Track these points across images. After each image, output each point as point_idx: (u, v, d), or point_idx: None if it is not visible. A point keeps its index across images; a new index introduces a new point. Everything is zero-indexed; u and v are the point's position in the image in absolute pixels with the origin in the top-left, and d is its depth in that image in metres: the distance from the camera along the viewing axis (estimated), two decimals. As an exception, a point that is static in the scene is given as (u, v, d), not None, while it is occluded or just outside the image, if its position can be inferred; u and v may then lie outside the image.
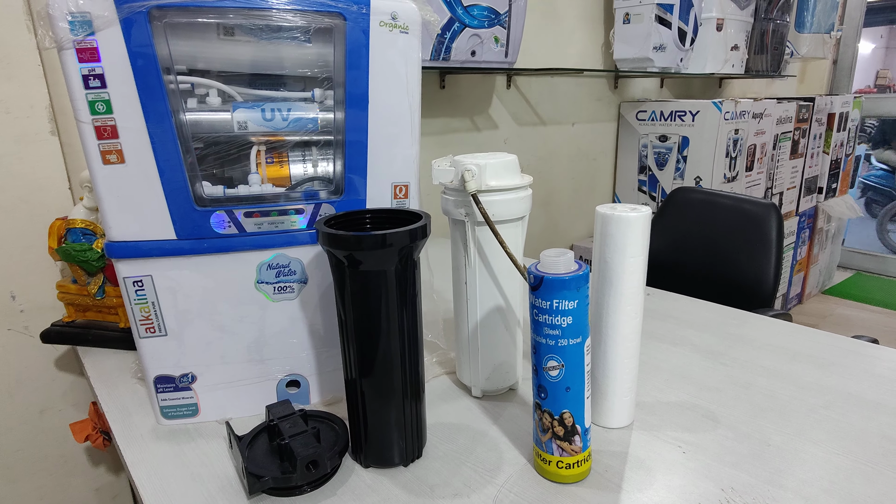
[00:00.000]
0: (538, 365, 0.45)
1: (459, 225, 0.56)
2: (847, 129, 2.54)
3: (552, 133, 1.75)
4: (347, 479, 0.49)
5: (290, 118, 0.55)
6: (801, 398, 0.59)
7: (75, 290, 0.76)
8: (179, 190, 0.50)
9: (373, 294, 0.45)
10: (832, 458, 0.49)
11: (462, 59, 1.20)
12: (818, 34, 2.53)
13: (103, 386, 0.66)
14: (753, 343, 0.72)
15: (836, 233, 2.80)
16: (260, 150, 0.56)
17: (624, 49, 1.70)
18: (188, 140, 0.51)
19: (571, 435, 0.46)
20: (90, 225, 0.74)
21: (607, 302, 0.51)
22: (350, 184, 0.55)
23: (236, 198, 0.53)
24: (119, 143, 0.48)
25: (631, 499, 0.45)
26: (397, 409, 0.49)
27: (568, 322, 0.43)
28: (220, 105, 0.55)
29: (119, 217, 0.50)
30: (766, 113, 1.94)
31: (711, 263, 1.36)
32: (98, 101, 0.47)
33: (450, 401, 0.61)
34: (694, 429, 0.54)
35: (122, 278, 0.52)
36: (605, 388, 0.53)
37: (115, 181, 0.49)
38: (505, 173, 0.54)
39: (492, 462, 0.50)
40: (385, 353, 0.47)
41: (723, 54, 1.95)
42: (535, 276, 0.43)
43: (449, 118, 1.45)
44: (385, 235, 0.42)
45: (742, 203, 1.35)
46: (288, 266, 0.55)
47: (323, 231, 0.44)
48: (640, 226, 0.49)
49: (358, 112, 0.54)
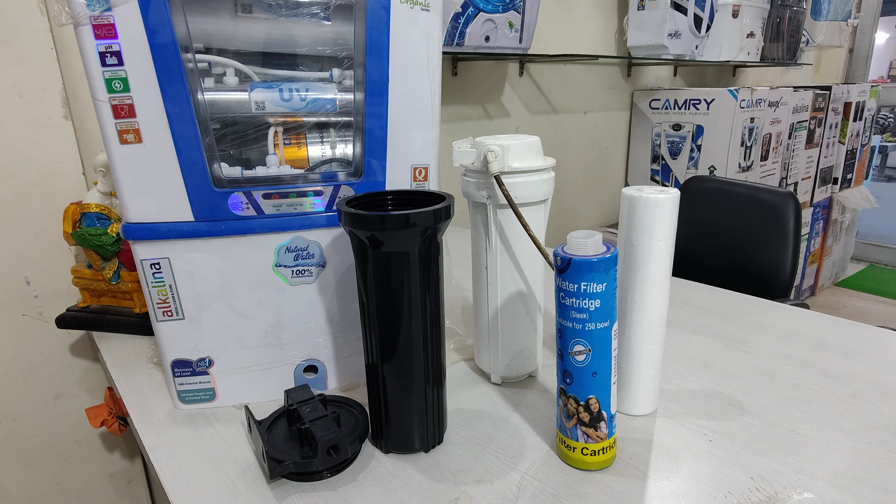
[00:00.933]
0: (564, 350, 0.44)
1: (481, 208, 0.55)
2: (863, 118, 2.50)
3: (564, 121, 1.73)
4: (368, 464, 0.48)
5: (309, 98, 0.54)
6: (828, 387, 0.57)
7: (90, 275, 0.76)
8: (197, 170, 0.50)
9: (395, 276, 0.44)
10: (864, 446, 0.48)
11: (476, 44, 1.18)
12: (835, 22, 2.49)
13: (119, 371, 0.66)
14: (776, 331, 0.70)
15: (850, 224, 2.76)
16: (277, 131, 0.55)
17: (638, 36, 1.68)
18: (206, 120, 0.50)
19: (597, 421, 0.45)
20: (105, 209, 0.74)
21: (633, 286, 0.50)
22: (369, 166, 0.54)
23: (254, 179, 0.53)
24: (136, 122, 0.47)
25: (657, 486, 0.44)
26: (419, 395, 0.48)
27: (596, 305, 0.42)
28: (237, 85, 0.54)
29: (136, 198, 0.49)
30: (782, 101, 1.91)
31: (727, 253, 1.35)
32: (115, 79, 0.46)
33: (469, 387, 0.60)
34: (719, 417, 0.53)
35: (140, 260, 0.51)
36: (630, 374, 0.52)
37: (133, 161, 0.48)
38: (528, 155, 0.53)
39: (514, 448, 0.49)
40: (407, 337, 0.46)
41: (738, 41, 1.91)
42: (562, 258, 0.42)
43: (461, 105, 1.43)
44: (409, 215, 0.41)
45: (759, 192, 1.33)
46: (306, 249, 0.54)
47: (345, 211, 0.43)
48: (669, 207, 0.47)
49: (377, 92, 0.53)
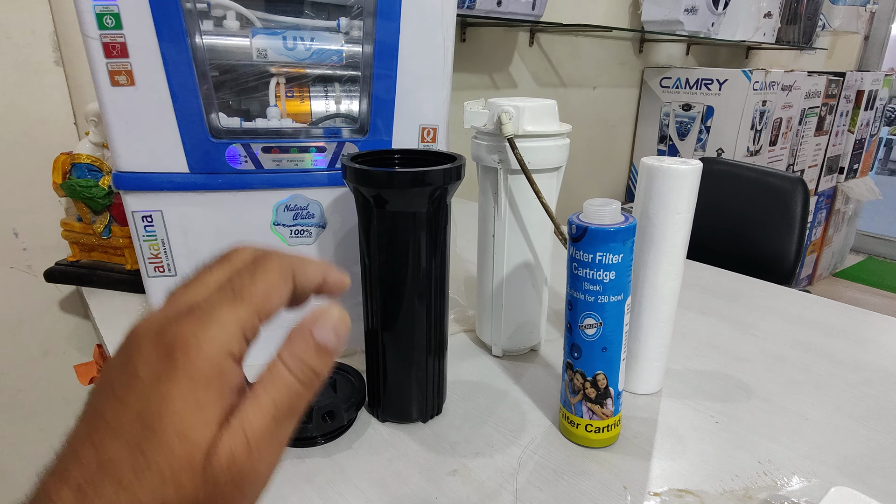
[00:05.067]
0: (573, 322, 0.42)
1: (491, 173, 0.52)
2: (874, 108, 2.46)
3: (572, 96, 1.69)
4: (364, 432, 0.47)
5: (314, 49, 0.51)
6: (837, 373, 0.56)
7: (80, 229, 0.73)
8: (193, 119, 0.47)
9: (401, 238, 0.42)
10: (874, 435, 0.47)
11: (487, 8, 1.14)
12: (853, 6, 2.43)
13: (109, 328, 0.64)
14: (785, 316, 0.69)
15: (853, 215, 2.74)
16: (280, 82, 0.52)
17: (653, 10, 1.63)
18: (204, 65, 0.47)
19: (604, 398, 0.43)
20: (96, 161, 0.71)
21: (647, 261, 0.48)
22: (375, 123, 0.51)
23: (253, 131, 0.50)
24: (129, 62, 0.44)
25: (662, 466, 0.43)
26: (419, 364, 0.46)
27: (610, 277, 0.40)
28: (238, 30, 0.50)
29: (128, 145, 0.47)
30: (795, 85, 1.87)
31: (731, 237, 1.33)
32: (107, 13, 0.43)
33: (469, 359, 0.58)
34: (726, 399, 0.51)
35: (131, 212, 0.49)
36: (637, 351, 0.51)
37: (125, 105, 0.45)
38: (544, 118, 0.50)
39: (514, 422, 0.48)
40: (410, 303, 0.44)
41: (755, 21, 1.86)
42: (577, 226, 0.40)
43: (468, 74, 1.39)
44: (418, 173, 0.39)
45: (767, 176, 1.31)
46: (306, 208, 0.52)
47: (350, 167, 0.40)
48: (691, 179, 0.45)
49: (387, 45, 0.50)
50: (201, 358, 0.18)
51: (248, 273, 0.20)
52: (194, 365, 0.18)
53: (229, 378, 0.18)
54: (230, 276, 0.20)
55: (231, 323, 0.19)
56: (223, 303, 0.19)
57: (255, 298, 0.20)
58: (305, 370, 0.20)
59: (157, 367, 0.18)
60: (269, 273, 0.21)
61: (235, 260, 0.22)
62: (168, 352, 0.18)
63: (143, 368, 0.18)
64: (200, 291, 0.20)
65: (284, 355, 0.20)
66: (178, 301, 0.20)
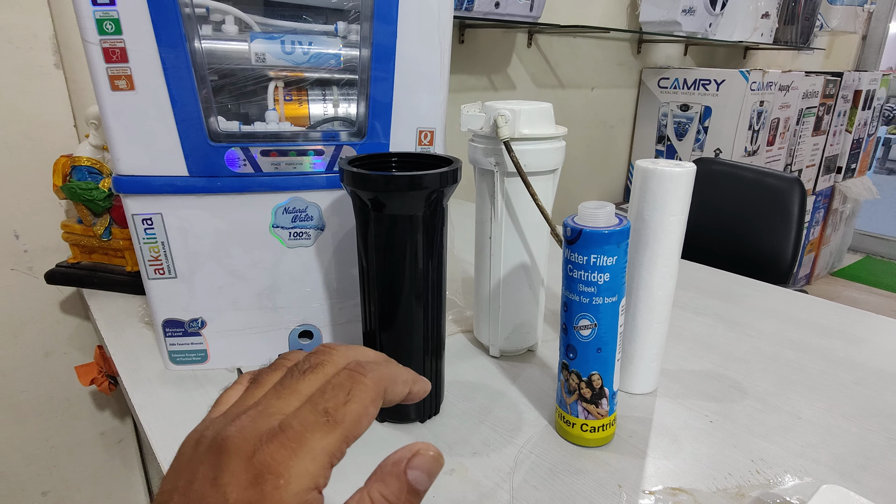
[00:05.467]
0: (568, 324, 0.43)
1: (487, 175, 0.53)
2: (872, 107, 2.47)
3: (570, 97, 1.70)
4: (362, 432, 0.47)
5: (312, 53, 0.52)
6: (831, 373, 0.56)
7: (80, 231, 0.74)
8: (193, 123, 0.47)
9: (398, 240, 0.42)
10: (866, 434, 0.47)
11: (485, 10, 1.14)
12: (851, 6, 2.44)
13: (110, 329, 0.65)
14: (779, 316, 0.69)
15: (850, 214, 2.75)
16: (278, 85, 0.52)
17: (651, 11, 1.63)
18: (203, 70, 0.48)
19: (599, 398, 0.44)
20: (96, 164, 0.71)
21: (642, 262, 0.48)
22: (373, 126, 0.52)
23: (252, 135, 0.50)
24: (129, 67, 0.45)
25: (657, 465, 0.43)
26: (417, 364, 0.47)
27: (605, 279, 0.41)
28: (236, 34, 0.51)
29: (128, 149, 0.47)
30: (793, 85, 1.87)
31: (729, 237, 1.33)
32: (107, 19, 0.43)
33: (466, 359, 0.59)
34: (720, 398, 0.52)
35: (131, 215, 0.49)
36: (633, 352, 0.51)
37: (124, 110, 0.46)
38: (540, 121, 0.51)
39: (511, 422, 0.49)
40: (407, 305, 0.44)
41: (753, 21, 1.87)
42: (572, 228, 0.41)
43: (466, 75, 1.40)
44: (415, 177, 0.39)
45: (765, 177, 1.31)
46: (305, 211, 0.52)
47: (347, 170, 0.40)
48: (684, 182, 0.46)
49: (384, 49, 0.50)
50: (290, 492, 0.17)
51: (343, 392, 0.19)
52: (282, 499, 0.17)
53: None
54: (324, 390, 0.20)
55: (322, 453, 0.18)
56: (316, 429, 0.18)
57: (348, 424, 0.19)
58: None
59: (248, 494, 0.17)
60: (364, 394, 0.20)
61: (327, 366, 0.21)
62: (258, 479, 0.17)
63: (232, 491, 0.17)
64: (292, 402, 0.19)
65: (374, 494, 0.19)
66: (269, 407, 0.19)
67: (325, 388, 0.20)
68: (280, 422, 0.18)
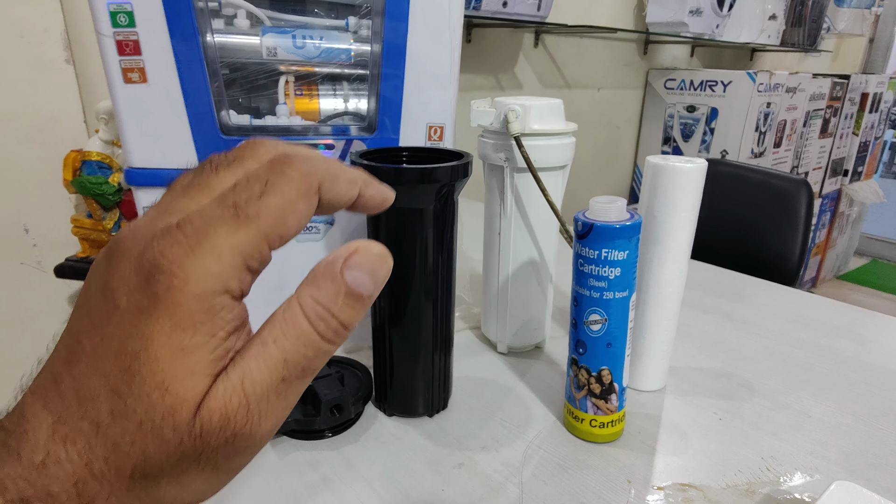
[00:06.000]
0: (578, 318, 0.43)
1: (497, 171, 0.53)
2: (879, 110, 2.46)
3: (577, 97, 1.70)
4: (370, 426, 0.47)
5: (323, 47, 0.52)
6: (840, 372, 0.56)
7: (90, 225, 0.74)
8: (204, 116, 0.47)
9: (408, 234, 0.42)
10: (876, 432, 0.47)
11: (493, 9, 1.14)
12: (858, 9, 2.43)
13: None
14: (788, 315, 0.69)
15: (857, 218, 2.74)
16: (289, 80, 0.52)
17: (658, 12, 1.63)
18: (215, 63, 0.48)
19: (608, 393, 0.44)
20: (106, 158, 0.72)
21: (652, 258, 0.48)
22: (383, 122, 0.52)
23: (263, 128, 0.50)
24: (142, 60, 0.45)
25: (666, 462, 0.43)
26: (425, 359, 0.47)
27: (616, 274, 0.40)
28: (248, 28, 0.51)
29: (140, 141, 0.47)
30: (800, 87, 1.87)
31: (735, 238, 1.33)
32: (120, 12, 0.44)
33: (474, 355, 0.59)
34: (729, 396, 0.52)
35: (142, 208, 0.49)
36: (642, 348, 0.51)
37: (137, 102, 0.46)
38: (550, 117, 0.51)
39: (520, 418, 0.49)
40: (417, 300, 0.44)
41: (760, 23, 1.87)
42: (583, 223, 0.41)
43: (473, 75, 1.40)
44: (425, 170, 0.39)
45: (772, 178, 1.31)
46: (315, 205, 0.52)
47: (359, 163, 0.41)
48: (696, 178, 0.46)
49: (395, 45, 0.50)
50: (186, 294, 0.14)
51: (260, 183, 0.16)
52: (177, 302, 0.14)
53: (224, 319, 0.15)
54: (237, 183, 0.16)
55: (228, 250, 0.15)
56: (221, 222, 0.15)
57: (265, 219, 0.15)
58: (330, 321, 0.16)
59: (137, 298, 0.14)
60: (287, 185, 0.16)
61: (249, 160, 0.17)
62: (148, 279, 0.14)
63: (121, 295, 0.15)
64: (200, 199, 0.16)
65: (305, 299, 0.16)
66: (171, 206, 0.16)
67: (238, 182, 0.16)
68: (179, 219, 0.15)
